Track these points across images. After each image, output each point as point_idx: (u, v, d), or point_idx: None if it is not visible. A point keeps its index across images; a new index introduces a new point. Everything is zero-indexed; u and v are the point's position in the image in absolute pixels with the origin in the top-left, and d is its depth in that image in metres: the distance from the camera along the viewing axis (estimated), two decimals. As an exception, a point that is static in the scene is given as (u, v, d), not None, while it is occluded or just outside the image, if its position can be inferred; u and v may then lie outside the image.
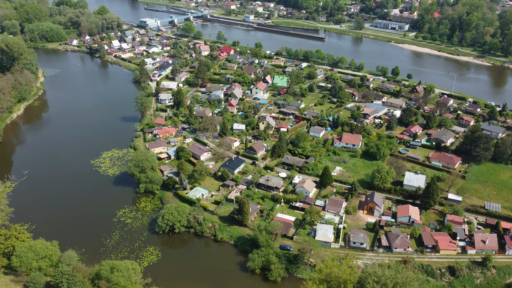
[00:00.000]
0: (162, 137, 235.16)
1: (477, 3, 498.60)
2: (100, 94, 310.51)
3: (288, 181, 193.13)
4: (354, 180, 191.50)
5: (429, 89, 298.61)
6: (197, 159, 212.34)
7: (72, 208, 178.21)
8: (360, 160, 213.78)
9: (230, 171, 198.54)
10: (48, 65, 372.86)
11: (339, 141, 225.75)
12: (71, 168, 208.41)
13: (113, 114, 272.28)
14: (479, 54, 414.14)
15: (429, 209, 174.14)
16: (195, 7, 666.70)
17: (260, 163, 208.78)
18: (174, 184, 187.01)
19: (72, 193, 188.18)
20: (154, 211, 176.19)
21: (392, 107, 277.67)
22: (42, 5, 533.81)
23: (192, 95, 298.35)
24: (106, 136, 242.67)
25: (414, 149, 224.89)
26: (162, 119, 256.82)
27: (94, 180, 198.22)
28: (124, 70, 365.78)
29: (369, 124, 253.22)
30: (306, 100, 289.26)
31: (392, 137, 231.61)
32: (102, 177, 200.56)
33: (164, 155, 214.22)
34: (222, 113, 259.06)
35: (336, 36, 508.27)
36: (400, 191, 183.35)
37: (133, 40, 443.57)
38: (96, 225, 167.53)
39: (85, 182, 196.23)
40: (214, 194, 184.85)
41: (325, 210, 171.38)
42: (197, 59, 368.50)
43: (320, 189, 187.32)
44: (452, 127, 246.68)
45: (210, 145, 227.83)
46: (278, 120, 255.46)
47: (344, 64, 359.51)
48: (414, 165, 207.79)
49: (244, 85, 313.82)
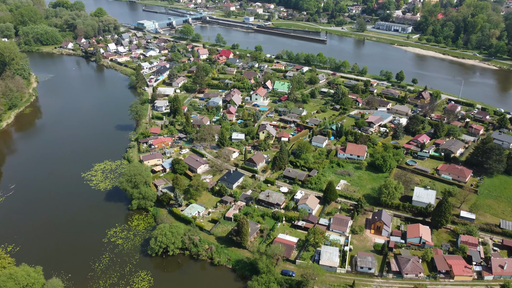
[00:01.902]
0: (158, 148, 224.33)
1: (482, 4, 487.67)
2: (94, 100, 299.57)
3: (290, 196, 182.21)
4: (359, 195, 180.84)
5: (435, 95, 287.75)
6: (194, 172, 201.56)
7: (60, 227, 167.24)
8: (365, 172, 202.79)
9: (228, 186, 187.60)
10: (42, 70, 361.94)
11: (343, 151, 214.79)
12: (61, 182, 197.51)
13: (107, 122, 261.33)
14: (485, 57, 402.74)
15: (441, 228, 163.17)
16: (194, 8, 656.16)
17: (260, 176, 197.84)
18: (168, 200, 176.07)
19: (61, 210, 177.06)
20: (147, 230, 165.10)
21: (397, 114, 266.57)
22: (38, 7, 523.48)
23: (189, 102, 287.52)
24: (99, 146, 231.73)
25: (422, 160, 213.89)
26: (158, 127, 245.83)
27: (84, 195, 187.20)
28: (120, 74, 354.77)
29: (374, 133, 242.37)
30: (308, 107, 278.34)
31: (399, 147, 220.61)
32: (93, 192, 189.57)
33: (159, 168, 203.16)
34: (220, 122, 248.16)
35: (338, 38, 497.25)
36: (409, 208, 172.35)
37: (130, 43, 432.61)
38: (84, 247, 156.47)
39: (75, 198, 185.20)
40: (211, 211, 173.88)
41: (330, 230, 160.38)
42: (195, 63, 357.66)
43: (324, 206, 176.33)
44: (461, 136, 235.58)
45: (208, 156, 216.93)
46: (279, 129, 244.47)
47: (347, 68, 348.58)
48: (423, 178, 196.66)
49: (243, 91, 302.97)
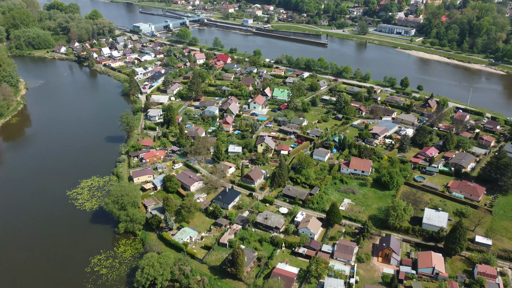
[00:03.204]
0: (149, 162, 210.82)
1: (487, 6, 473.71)
2: (85, 108, 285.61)
3: (290, 218, 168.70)
4: (365, 217, 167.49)
5: (442, 103, 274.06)
6: (187, 189, 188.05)
7: (38, 255, 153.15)
8: (370, 190, 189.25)
9: (224, 206, 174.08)
10: (32, 76, 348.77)
11: (347, 166, 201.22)
12: (44, 201, 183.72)
13: (97, 133, 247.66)
14: (491, 61, 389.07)
15: (455, 255, 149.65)
16: (192, 10, 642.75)
17: (258, 195, 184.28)
18: (158, 223, 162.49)
19: (41, 236, 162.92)
20: (134, 258, 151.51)
21: (403, 124, 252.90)
22: (31, 9, 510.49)
23: (184, 110, 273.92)
24: (88, 159, 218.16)
25: (431, 175, 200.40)
26: (150, 139, 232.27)
27: (68, 216, 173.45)
28: (113, 80, 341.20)
29: (379, 145, 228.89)
30: (309, 116, 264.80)
31: (406, 162, 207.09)
32: (77, 213, 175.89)
33: (150, 185, 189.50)
34: (216, 133, 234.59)
35: (339, 41, 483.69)
36: (420, 232, 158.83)
37: (125, 47, 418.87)
38: (65, 277, 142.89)
39: (58, 220, 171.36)
40: (205, 235, 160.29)
41: (334, 258, 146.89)
42: (192, 69, 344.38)
43: (327, 229, 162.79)
44: (472, 149, 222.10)
45: (202, 171, 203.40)
46: (278, 141, 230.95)
47: (349, 74, 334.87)
48: (433, 196, 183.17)
49: (241, 99, 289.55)
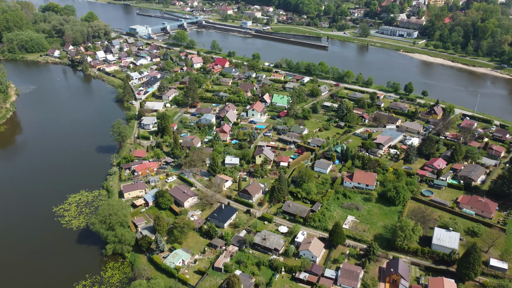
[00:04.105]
0: (141, 175, 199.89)
1: (492, 8, 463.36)
2: (77, 116, 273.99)
3: (290, 238, 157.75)
4: (370, 237, 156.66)
5: (448, 110, 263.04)
6: (181, 205, 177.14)
7: (18, 279, 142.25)
8: (375, 205, 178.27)
9: (219, 225, 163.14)
10: (24, 81, 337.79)
11: (350, 179, 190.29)
12: (28, 219, 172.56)
13: (88, 142, 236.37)
14: (497, 65, 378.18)
15: (468, 281, 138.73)
16: (190, 12, 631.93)
17: (256, 211, 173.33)
18: (149, 245, 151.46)
19: (23, 257, 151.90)
20: (122, 284, 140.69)
21: (408, 132, 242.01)
22: (26, 11, 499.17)
23: (180, 118, 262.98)
24: (77, 171, 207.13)
25: (439, 189, 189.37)
26: (143, 150, 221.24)
27: (53, 236, 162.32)
28: (107, 86, 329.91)
29: (383, 155, 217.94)
30: (310, 123, 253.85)
31: (412, 174, 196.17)
32: (63, 232, 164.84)
33: (141, 202, 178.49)
34: (212, 143, 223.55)
35: (340, 44, 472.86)
36: (429, 254, 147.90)
37: (120, 51, 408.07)
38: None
39: (41, 241, 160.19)
40: (198, 258, 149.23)
41: (338, 284, 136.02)
42: (188, 73, 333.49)
43: (329, 250, 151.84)
44: (481, 160, 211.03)
45: (197, 185, 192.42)
46: (277, 152, 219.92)
47: (351, 79, 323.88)
48: (442, 213, 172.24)
49: (239, 105, 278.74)
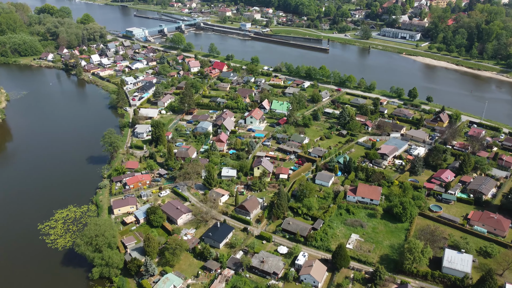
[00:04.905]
0: (133, 188, 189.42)
1: (496, 9, 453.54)
2: (69, 123, 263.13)
3: (290, 260, 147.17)
4: (376, 258, 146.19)
5: (455, 117, 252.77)
6: (174, 222, 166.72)
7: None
8: (381, 222, 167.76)
9: (214, 245, 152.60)
10: (15, 85, 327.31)
11: (353, 194, 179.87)
12: (10, 238, 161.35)
13: (79, 152, 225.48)
14: (502, 68, 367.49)
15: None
16: (188, 13, 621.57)
17: (254, 229, 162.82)
18: (138, 268, 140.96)
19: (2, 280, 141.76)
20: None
21: (413, 141, 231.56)
22: (21, 13, 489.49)
23: (175, 125, 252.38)
24: (66, 184, 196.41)
25: (447, 204, 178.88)
26: (136, 161, 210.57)
27: (36, 257, 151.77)
28: (101, 91, 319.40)
29: (388, 166, 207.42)
30: (310, 131, 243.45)
31: (419, 187, 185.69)
32: (48, 252, 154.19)
33: (131, 219, 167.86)
34: (208, 154, 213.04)
35: (341, 46, 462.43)
36: (440, 278, 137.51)
37: (116, 54, 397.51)
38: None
39: (24, 262, 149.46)
40: (191, 282, 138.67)
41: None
42: (185, 78, 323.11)
43: (332, 273, 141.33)
44: (491, 171, 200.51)
45: (192, 199, 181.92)
46: (276, 162, 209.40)
47: (353, 84, 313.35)
48: (452, 230, 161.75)
49: (237, 112, 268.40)
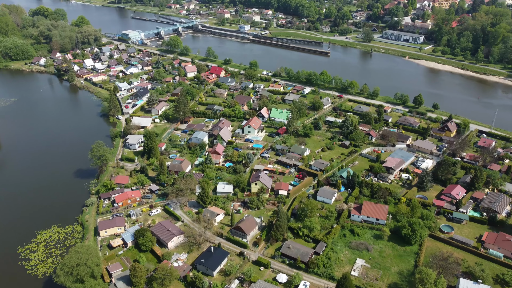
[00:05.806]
0: (122, 206, 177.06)
1: (502, 11, 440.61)
2: (57, 133, 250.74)
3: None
4: (384, 287, 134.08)
5: (463, 126, 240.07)
6: (164, 246, 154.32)
7: None
8: (388, 244, 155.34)
9: (208, 272, 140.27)
10: (5, 92, 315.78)
11: (358, 212, 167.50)
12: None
13: (66, 165, 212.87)
14: (510, 72, 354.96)
15: None
16: (186, 15, 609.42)
17: (251, 253, 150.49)
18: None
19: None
20: None
21: (420, 152, 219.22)
22: (14, 16, 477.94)
23: (169, 135, 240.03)
24: (50, 201, 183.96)
25: (459, 223, 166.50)
26: (127, 175, 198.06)
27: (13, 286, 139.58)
28: (93, 98, 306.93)
29: (394, 180, 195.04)
30: (311, 142, 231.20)
31: (428, 205, 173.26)
32: (26, 280, 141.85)
33: (118, 242, 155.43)
34: (203, 167, 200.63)
35: (342, 49, 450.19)
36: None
37: (110, 58, 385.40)
38: None
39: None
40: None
41: None
42: (181, 84, 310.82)
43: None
44: (504, 186, 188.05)
45: (185, 219, 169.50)
46: (275, 177, 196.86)
47: (355, 90, 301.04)
48: (465, 254, 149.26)
49: (234, 120, 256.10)
